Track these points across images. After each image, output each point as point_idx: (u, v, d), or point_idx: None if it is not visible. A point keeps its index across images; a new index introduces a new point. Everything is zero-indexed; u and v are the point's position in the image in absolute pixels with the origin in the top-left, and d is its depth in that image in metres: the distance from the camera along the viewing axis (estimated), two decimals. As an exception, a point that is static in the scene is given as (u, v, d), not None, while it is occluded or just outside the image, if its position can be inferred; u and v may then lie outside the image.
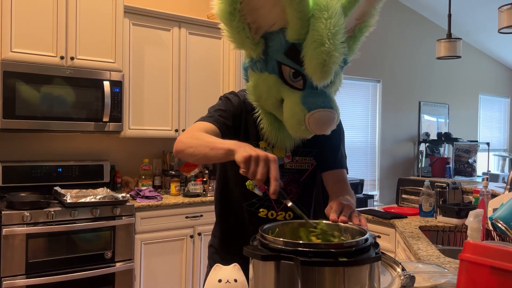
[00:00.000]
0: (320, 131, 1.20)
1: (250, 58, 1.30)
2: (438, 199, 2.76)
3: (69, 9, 3.04)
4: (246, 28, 1.22)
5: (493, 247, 0.85)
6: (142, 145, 3.75)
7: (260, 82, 1.28)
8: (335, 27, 1.13)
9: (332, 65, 1.14)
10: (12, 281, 2.58)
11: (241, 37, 1.23)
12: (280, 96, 1.25)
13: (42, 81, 2.91)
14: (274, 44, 1.23)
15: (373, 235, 0.99)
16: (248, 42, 1.24)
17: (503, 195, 2.00)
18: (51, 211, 2.71)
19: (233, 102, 1.40)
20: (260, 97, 1.30)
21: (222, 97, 1.44)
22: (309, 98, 1.19)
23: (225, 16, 1.20)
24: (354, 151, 5.37)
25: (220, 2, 1.19)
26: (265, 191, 1.41)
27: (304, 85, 1.22)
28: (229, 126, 1.35)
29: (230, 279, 1.05)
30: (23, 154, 3.24)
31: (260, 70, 1.27)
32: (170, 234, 3.21)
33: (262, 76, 1.27)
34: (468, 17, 5.80)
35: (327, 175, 1.48)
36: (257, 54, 1.26)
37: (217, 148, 1.14)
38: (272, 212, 1.43)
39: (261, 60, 1.26)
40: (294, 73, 1.22)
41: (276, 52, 1.23)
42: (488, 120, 7.45)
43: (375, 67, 5.62)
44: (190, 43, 3.62)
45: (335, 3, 1.15)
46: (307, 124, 1.17)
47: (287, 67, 1.22)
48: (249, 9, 1.20)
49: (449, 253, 1.95)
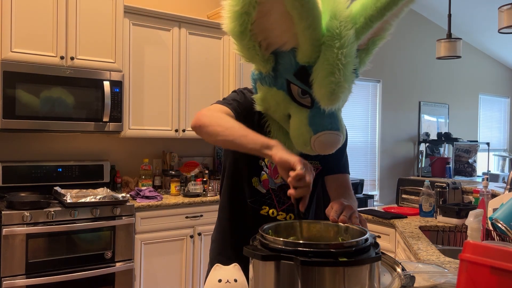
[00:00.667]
0: (324, 152, 1.20)
1: (259, 72, 1.29)
2: (438, 199, 2.76)
3: (69, 9, 3.04)
4: (256, 47, 1.20)
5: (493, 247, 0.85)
6: (142, 145, 3.75)
7: (268, 97, 1.27)
8: (347, 58, 1.11)
9: (341, 94, 1.14)
10: (12, 281, 2.58)
11: (251, 54, 1.21)
12: (287, 112, 1.24)
13: (42, 81, 2.91)
14: (284, 62, 1.22)
15: (373, 235, 0.99)
16: (257, 59, 1.22)
17: (503, 195, 2.01)
18: (51, 211, 2.71)
19: (248, 99, 1.39)
20: (268, 109, 1.30)
21: (237, 91, 1.44)
22: (316, 119, 1.18)
23: (236, 35, 1.18)
24: (354, 151, 5.38)
25: (231, 21, 1.17)
26: (268, 189, 1.42)
27: (312, 103, 1.20)
28: (242, 120, 1.33)
29: (230, 279, 1.05)
30: (23, 154, 3.24)
31: (269, 85, 1.26)
32: (170, 234, 3.21)
33: (271, 91, 1.25)
34: (468, 17, 5.80)
35: (330, 179, 1.48)
36: (266, 70, 1.25)
37: (252, 137, 1.14)
38: (273, 210, 1.44)
39: (270, 76, 1.25)
40: (303, 90, 1.21)
41: (285, 71, 1.22)
42: (488, 120, 7.45)
43: (375, 67, 5.61)
44: (190, 43, 3.62)
45: (348, 31, 1.12)
46: (312, 146, 1.18)
47: (295, 86, 1.21)
48: (261, 29, 1.18)
49: (449, 253, 1.95)
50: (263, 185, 1.42)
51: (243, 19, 1.14)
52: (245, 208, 1.45)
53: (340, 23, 1.11)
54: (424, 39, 6.07)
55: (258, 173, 1.42)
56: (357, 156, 5.47)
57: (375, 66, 5.72)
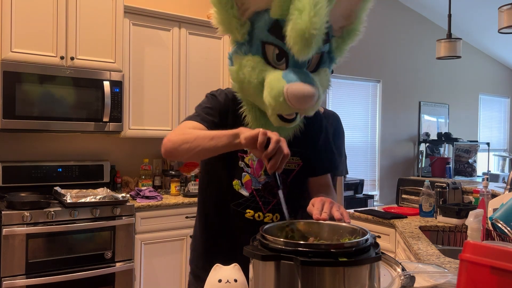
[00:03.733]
0: (298, 103, 1.18)
1: (235, 42, 1.31)
2: (438, 199, 2.76)
3: (69, 9, 3.04)
4: (234, 6, 1.24)
5: (493, 247, 0.85)
6: (142, 145, 3.75)
7: (243, 64, 1.28)
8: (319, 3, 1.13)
9: (314, 32, 1.13)
10: (12, 281, 2.58)
11: (229, 16, 1.24)
12: (262, 77, 1.25)
13: (42, 81, 2.91)
14: (259, 25, 1.25)
15: (373, 235, 0.99)
16: (234, 22, 1.25)
17: (503, 195, 2.01)
18: (51, 211, 2.71)
19: (220, 99, 1.39)
20: (243, 82, 1.30)
21: (208, 95, 1.43)
22: (290, 74, 1.20)
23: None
24: (354, 151, 5.37)
25: None
26: (252, 192, 1.38)
27: (287, 66, 1.23)
28: (216, 123, 1.33)
29: (230, 279, 1.05)
30: (23, 154, 3.24)
31: (245, 53, 1.28)
32: (170, 234, 3.21)
33: (246, 58, 1.28)
34: (468, 17, 5.80)
35: (312, 181, 1.48)
36: (242, 35, 1.27)
37: (219, 136, 1.14)
38: (259, 214, 1.38)
39: (246, 42, 1.28)
40: (278, 54, 1.24)
41: (260, 32, 1.25)
42: (488, 120, 7.45)
43: (375, 67, 5.62)
44: (190, 43, 3.63)
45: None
46: (286, 95, 1.17)
47: (271, 46, 1.24)
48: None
49: (449, 253, 1.95)
50: (245, 187, 1.38)
51: None
52: (226, 212, 1.40)
53: None
54: (424, 39, 6.08)
55: (239, 175, 1.38)
56: (357, 156, 5.47)
57: (375, 66, 5.74)
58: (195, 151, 1.18)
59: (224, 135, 1.13)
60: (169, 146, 1.23)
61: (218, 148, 1.15)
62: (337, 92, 5.30)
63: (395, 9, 5.81)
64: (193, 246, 1.53)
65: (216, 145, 1.14)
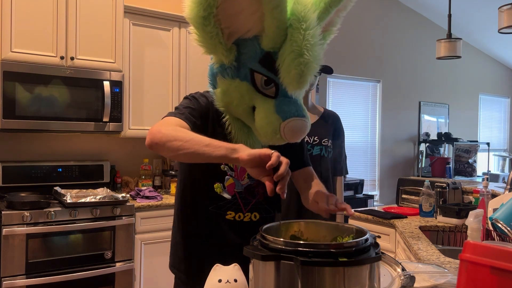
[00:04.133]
0: (294, 139, 1.20)
1: (220, 64, 1.27)
2: (438, 199, 2.76)
3: (69, 9, 3.04)
4: (219, 33, 1.18)
5: (493, 247, 0.85)
6: (142, 145, 3.75)
7: (231, 89, 1.25)
8: (313, 38, 1.14)
9: (309, 76, 1.15)
10: (12, 281, 2.58)
11: (214, 43, 1.19)
12: (252, 104, 1.24)
13: (42, 81, 2.91)
14: (248, 51, 1.22)
15: (373, 235, 0.99)
16: (220, 48, 1.21)
17: (503, 195, 2.01)
18: (51, 211, 2.71)
19: (201, 102, 1.37)
20: (230, 104, 1.27)
21: (189, 96, 1.40)
22: (283, 107, 1.19)
23: (198, 21, 1.16)
24: (354, 151, 5.37)
25: (194, 6, 1.15)
26: (234, 194, 1.38)
27: (277, 93, 1.21)
28: (198, 125, 1.30)
29: (230, 279, 1.05)
30: (23, 154, 3.24)
31: (231, 77, 1.24)
32: (170, 234, 3.19)
33: (234, 83, 1.24)
34: (468, 17, 5.80)
35: (297, 174, 1.49)
36: (229, 61, 1.23)
37: (215, 145, 1.10)
38: (239, 214, 1.40)
39: (233, 67, 1.24)
40: (266, 80, 1.21)
41: (249, 60, 1.21)
42: (488, 120, 7.45)
43: (375, 67, 5.62)
44: (190, 43, 3.62)
45: (312, 13, 1.15)
46: (282, 133, 1.17)
47: (259, 74, 1.21)
48: (225, 14, 1.17)
49: (449, 253, 1.95)
50: (228, 190, 1.38)
51: (208, 2, 1.13)
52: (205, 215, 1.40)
53: (304, 7, 1.14)
54: (424, 39, 6.08)
55: (221, 178, 1.38)
56: (357, 156, 5.46)
57: (375, 66, 5.75)
58: (185, 152, 1.13)
59: (221, 146, 1.09)
60: (158, 138, 1.16)
61: (211, 157, 1.10)
62: (337, 92, 5.30)
63: (395, 9, 5.81)
64: (173, 251, 1.52)
65: (210, 153, 1.09)
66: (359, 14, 5.30)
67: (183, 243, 1.47)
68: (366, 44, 5.48)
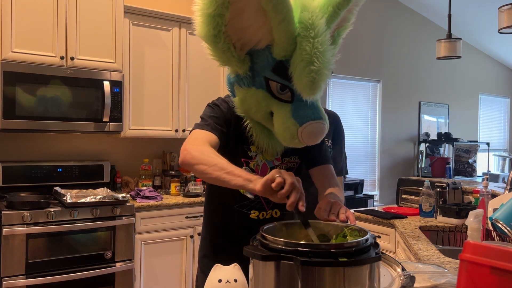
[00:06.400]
0: (312, 142, 1.23)
1: (236, 74, 1.30)
2: (438, 199, 2.76)
3: (69, 9, 3.04)
4: (231, 48, 1.22)
5: (493, 247, 0.85)
6: (142, 145, 3.75)
7: (248, 97, 1.29)
8: (323, 45, 1.14)
9: (322, 83, 1.16)
10: (12, 281, 2.58)
11: (226, 56, 1.23)
12: (269, 110, 1.27)
13: (42, 81, 2.91)
14: (260, 60, 1.24)
15: (373, 235, 0.99)
16: (233, 60, 1.24)
17: (503, 195, 2.01)
18: (51, 211, 2.71)
19: (222, 109, 1.40)
20: (249, 111, 1.31)
21: (211, 104, 1.44)
22: (299, 112, 1.21)
23: (209, 39, 1.19)
24: (354, 151, 5.37)
25: (204, 25, 1.17)
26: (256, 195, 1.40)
27: (293, 97, 1.23)
28: (224, 132, 1.36)
29: (230, 279, 1.05)
30: (23, 154, 3.24)
31: (247, 86, 1.28)
32: (170, 234, 3.21)
33: (250, 92, 1.27)
34: (468, 17, 5.80)
35: (314, 171, 1.51)
36: (243, 71, 1.26)
37: (234, 174, 1.15)
38: (263, 213, 1.45)
39: (248, 76, 1.27)
40: (282, 86, 1.23)
41: (263, 69, 1.24)
42: (488, 120, 7.45)
43: (375, 67, 5.62)
44: (190, 43, 3.62)
45: (319, 20, 1.15)
46: (300, 138, 1.20)
47: (274, 82, 1.24)
48: (234, 29, 1.20)
49: (449, 253, 1.95)
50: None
51: (216, 21, 1.15)
52: (230, 213, 1.45)
53: (311, 13, 1.15)
54: (424, 39, 6.07)
55: None
56: (357, 156, 5.46)
57: (375, 66, 5.74)
58: (208, 176, 1.20)
59: (240, 176, 1.14)
60: (188, 160, 1.24)
61: (230, 185, 1.17)
62: (337, 92, 5.30)
63: (395, 9, 5.81)
64: (200, 246, 1.59)
65: (229, 181, 1.15)
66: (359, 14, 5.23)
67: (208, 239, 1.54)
68: (366, 44, 5.48)
